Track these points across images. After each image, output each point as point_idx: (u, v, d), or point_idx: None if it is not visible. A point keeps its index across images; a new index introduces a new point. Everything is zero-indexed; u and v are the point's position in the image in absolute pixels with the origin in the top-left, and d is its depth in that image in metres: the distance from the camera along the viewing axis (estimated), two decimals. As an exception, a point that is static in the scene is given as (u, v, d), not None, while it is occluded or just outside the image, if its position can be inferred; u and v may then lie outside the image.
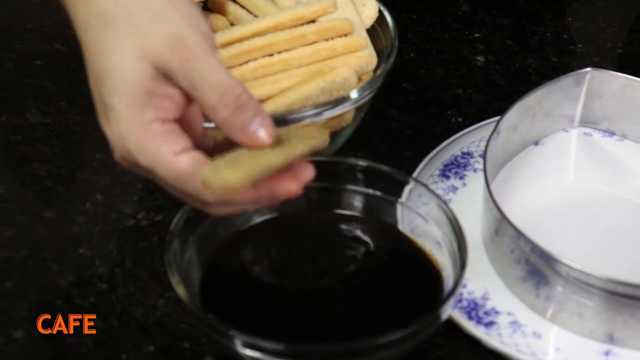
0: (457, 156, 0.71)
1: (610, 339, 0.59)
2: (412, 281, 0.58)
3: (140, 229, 0.66)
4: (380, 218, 0.61)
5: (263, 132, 0.52)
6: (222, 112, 0.52)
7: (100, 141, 0.73)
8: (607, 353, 0.59)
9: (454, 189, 0.69)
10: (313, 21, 0.65)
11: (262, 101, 0.62)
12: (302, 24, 0.64)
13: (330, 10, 0.65)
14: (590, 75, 0.70)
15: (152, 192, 0.69)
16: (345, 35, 0.64)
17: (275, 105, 0.62)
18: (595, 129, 0.73)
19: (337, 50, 0.63)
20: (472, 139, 0.72)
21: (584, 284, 0.58)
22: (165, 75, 0.53)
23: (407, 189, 0.61)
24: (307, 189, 0.61)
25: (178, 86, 0.53)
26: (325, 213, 0.62)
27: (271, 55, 0.63)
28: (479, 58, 0.82)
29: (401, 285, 0.58)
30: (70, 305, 0.61)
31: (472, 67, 0.81)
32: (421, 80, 0.80)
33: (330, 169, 0.62)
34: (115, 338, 0.60)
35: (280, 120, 0.62)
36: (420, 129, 0.75)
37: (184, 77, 0.52)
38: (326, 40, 0.64)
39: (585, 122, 0.73)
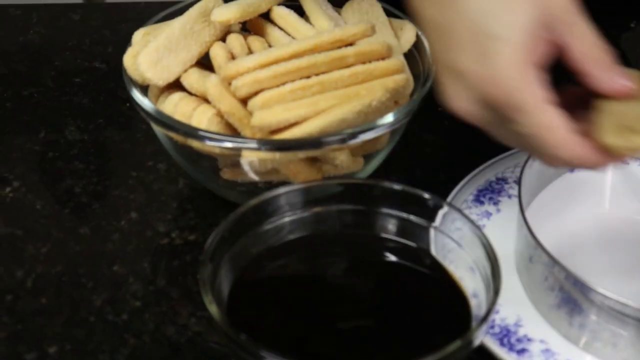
0: (492, 182, 0.71)
1: (645, 369, 0.58)
2: (444, 306, 0.58)
3: (174, 247, 0.67)
4: (413, 242, 0.61)
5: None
6: (606, 61, 0.56)
7: (137, 159, 0.74)
8: (641, 384, 0.58)
9: (488, 214, 0.69)
10: (351, 44, 0.65)
11: (298, 123, 0.62)
12: (340, 47, 0.65)
13: (369, 34, 0.65)
14: (628, 103, 0.70)
15: (187, 212, 0.69)
16: (383, 58, 0.64)
17: (311, 128, 0.62)
18: (633, 157, 0.72)
19: (375, 73, 0.63)
20: (507, 164, 0.72)
21: (618, 313, 0.57)
22: (549, 28, 0.55)
23: (440, 213, 0.61)
24: (341, 211, 0.62)
25: (555, 40, 0.55)
26: (357, 235, 0.62)
27: (309, 77, 0.63)
28: (515, 84, 0.82)
29: (433, 310, 0.57)
30: (103, 322, 0.62)
31: (508, 93, 0.81)
32: (457, 105, 0.80)
33: (364, 192, 0.62)
34: (147, 356, 0.60)
35: (316, 143, 0.62)
36: (455, 154, 0.75)
37: (569, 32, 0.55)
38: (364, 63, 0.64)
39: (621, 150, 0.72)
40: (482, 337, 0.56)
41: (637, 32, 0.88)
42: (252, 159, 0.64)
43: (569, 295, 0.59)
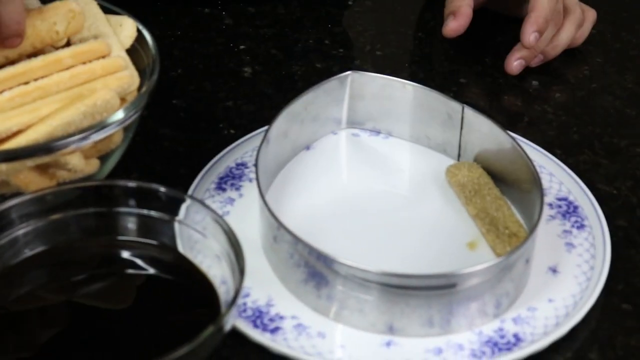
0: (232, 168, 0.72)
1: (390, 329, 0.61)
2: (192, 298, 0.58)
3: None
4: (157, 238, 0.61)
5: None
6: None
7: None
8: (388, 344, 0.60)
9: (231, 200, 0.69)
10: (69, 45, 0.63)
11: (21, 131, 0.60)
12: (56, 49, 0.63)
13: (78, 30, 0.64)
14: (352, 77, 0.73)
15: None
16: (103, 57, 0.63)
17: (37, 134, 0.60)
18: (362, 129, 0.75)
19: (96, 72, 0.62)
20: (245, 149, 0.73)
21: (361, 280, 0.60)
22: None
23: (183, 206, 0.61)
24: (80, 215, 0.60)
25: None
26: (101, 239, 0.61)
27: (27, 83, 0.61)
28: (246, 69, 0.83)
29: (181, 303, 0.57)
30: None
31: (240, 79, 0.82)
32: (190, 95, 0.80)
33: (102, 193, 0.61)
34: None
35: (45, 149, 0.60)
36: (194, 145, 0.75)
37: None
38: (84, 63, 0.62)
39: (352, 123, 0.75)
40: (234, 321, 0.56)
41: (356, 9, 0.92)
42: (-22, 174, 0.61)
43: (314, 269, 0.61)
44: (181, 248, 0.60)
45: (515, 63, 0.82)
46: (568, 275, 0.65)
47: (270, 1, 0.90)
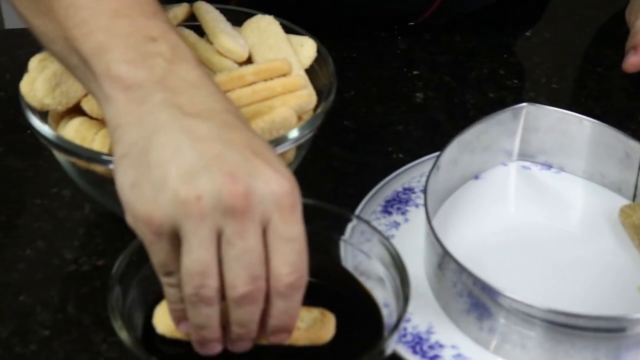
0: (399, 192, 0.72)
1: (553, 368, 0.59)
2: (356, 318, 0.58)
3: (82, 274, 0.66)
4: (323, 255, 0.61)
5: None
6: None
7: (40, 186, 0.73)
8: (550, 383, 0.59)
9: (397, 224, 0.69)
10: (250, 62, 0.65)
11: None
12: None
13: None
14: (527, 110, 0.72)
15: (94, 237, 0.69)
16: (284, 75, 0.65)
17: (216, 146, 0.61)
18: (533, 162, 0.74)
19: (276, 90, 0.64)
20: (413, 174, 0.73)
21: (525, 315, 0.59)
22: None
23: (349, 226, 0.61)
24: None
25: None
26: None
27: (211, 97, 0.63)
28: (418, 95, 0.83)
29: (345, 321, 0.58)
30: (10, 354, 0.60)
31: (411, 104, 0.82)
32: (362, 118, 0.81)
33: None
34: (58, 385, 0.59)
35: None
36: (362, 166, 0.76)
37: None
38: (265, 80, 0.64)
39: (523, 155, 0.74)
40: (394, 346, 0.56)
41: (533, 41, 0.91)
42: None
43: (477, 300, 0.60)
44: (345, 267, 0.61)
45: None
46: None
47: (446, 29, 0.90)
